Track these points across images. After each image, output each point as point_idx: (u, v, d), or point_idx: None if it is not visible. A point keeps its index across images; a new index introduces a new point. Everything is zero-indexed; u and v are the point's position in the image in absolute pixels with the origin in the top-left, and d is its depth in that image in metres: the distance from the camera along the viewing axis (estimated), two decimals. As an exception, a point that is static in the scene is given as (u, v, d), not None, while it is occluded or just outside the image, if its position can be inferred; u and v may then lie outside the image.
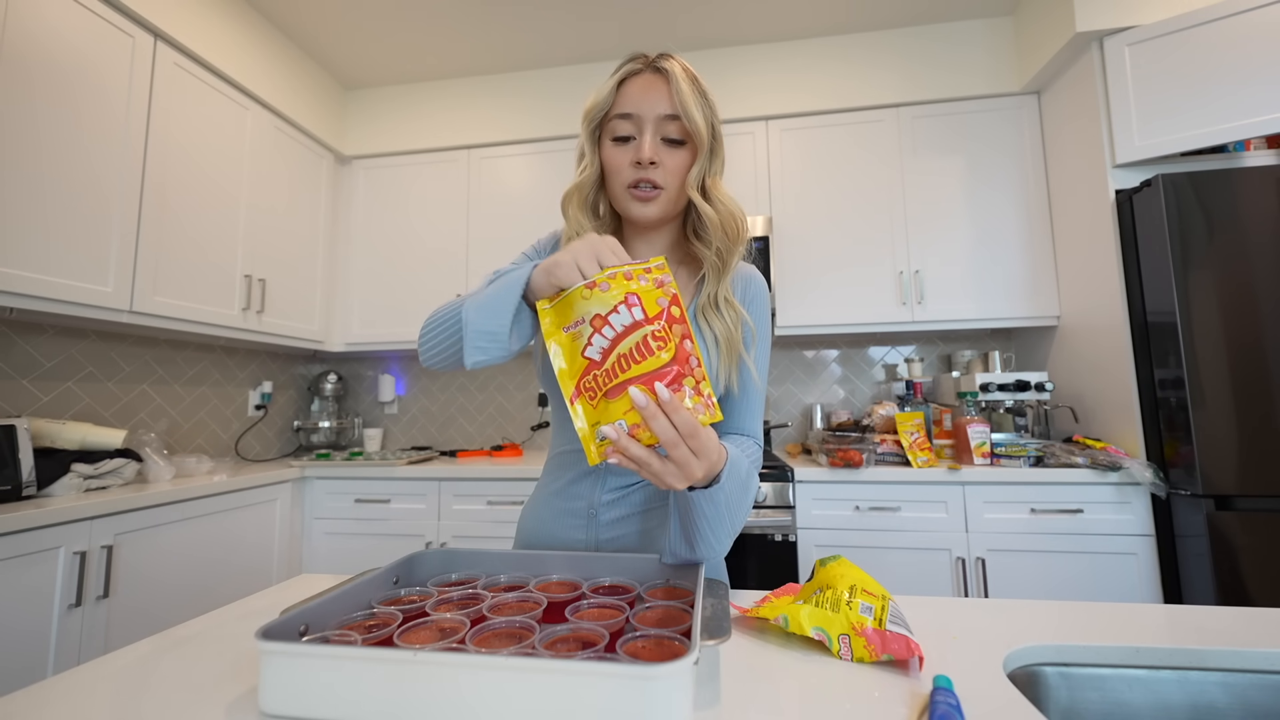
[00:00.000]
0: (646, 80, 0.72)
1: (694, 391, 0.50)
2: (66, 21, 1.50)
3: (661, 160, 0.72)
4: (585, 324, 0.52)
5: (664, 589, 0.60)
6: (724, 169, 0.76)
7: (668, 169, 0.72)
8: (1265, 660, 0.55)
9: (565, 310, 0.54)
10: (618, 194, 0.75)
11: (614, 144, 0.74)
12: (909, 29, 2.24)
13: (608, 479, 0.78)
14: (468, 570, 0.68)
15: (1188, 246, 1.59)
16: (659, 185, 0.72)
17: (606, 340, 0.51)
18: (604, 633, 0.48)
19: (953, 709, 0.42)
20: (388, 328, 2.45)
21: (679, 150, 0.73)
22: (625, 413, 0.50)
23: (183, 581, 1.57)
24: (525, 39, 2.30)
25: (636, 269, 0.53)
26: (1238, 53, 1.64)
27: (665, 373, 0.49)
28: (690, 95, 0.70)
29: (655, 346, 0.50)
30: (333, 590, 0.55)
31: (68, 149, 1.49)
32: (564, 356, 0.53)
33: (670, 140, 0.72)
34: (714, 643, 0.44)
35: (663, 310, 0.51)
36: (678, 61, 0.73)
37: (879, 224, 2.18)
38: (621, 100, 0.73)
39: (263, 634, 0.44)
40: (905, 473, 1.76)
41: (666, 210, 0.75)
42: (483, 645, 0.47)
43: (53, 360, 1.71)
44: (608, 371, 0.50)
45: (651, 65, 0.73)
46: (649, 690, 0.39)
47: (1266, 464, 1.49)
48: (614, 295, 0.51)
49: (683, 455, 0.50)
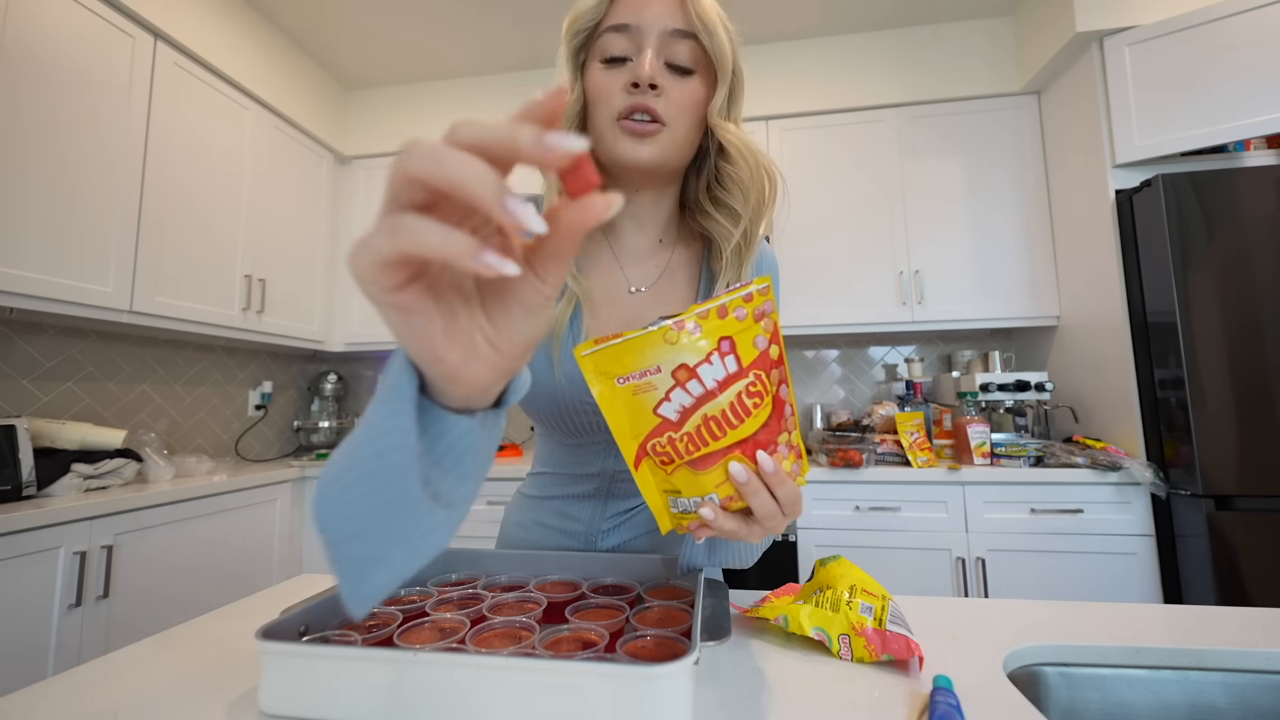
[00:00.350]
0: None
1: (788, 448, 0.42)
2: (67, 21, 1.50)
3: (666, 88, 0.54)
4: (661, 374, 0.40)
5: (664, 589, 0.60)
6: (742, 110, 0.60)
7: (673, 99, 0.55)
8: (1265, 660, 0.55)
9: (623, 356, 0.41)
10: (603, 129, 0.56)
11: (603, 66, 0.56)
12: (909, 29, 2.24)
13: (610, 503, 0.70)
14: (468, 570, 0.68)
15: (1188, 246, 1.59)
16: (660, 118, 0.54)
17: (690, 398, 0.40)
18: (604, 633, 0.48)
19: (953, 709, 0.42)
20: (388, 328, 2.45)
21: (688, 80, 0.56)
22: (718, 485, 0.41)
23: (183, 581, 1.57)
24: (525, 39, 2.29)
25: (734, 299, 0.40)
26: (1238, 53, 1.64)
27: (764, 437, 0.41)
28: (711, 7, 0.55)
29: (752, 405, 0.40)
30: (333, 590, 0.55)
31: (68, 149, 1.49)
32: (621, 411, 0.41)
33: (677, 67, 0.55)
34: (714, 643, 0.44)
35: (761, 353, 0.41)
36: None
37: (879, 224, 2.18)
38: (616, 8, 0.56)
39: (263, 634, 0.44)
40: (905, 473, 1.76)
41: (668, 154, 0.56)
42: (482, 645, 0.47)
43: (53, 360, 1.71)
44: (690, 437, 0.40)
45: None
46: (649, 690, 0.39)
47: (1266, 464, 1.49)
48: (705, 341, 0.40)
49: (776, 524, 0.42)
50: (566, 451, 0.69)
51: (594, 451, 0.67)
